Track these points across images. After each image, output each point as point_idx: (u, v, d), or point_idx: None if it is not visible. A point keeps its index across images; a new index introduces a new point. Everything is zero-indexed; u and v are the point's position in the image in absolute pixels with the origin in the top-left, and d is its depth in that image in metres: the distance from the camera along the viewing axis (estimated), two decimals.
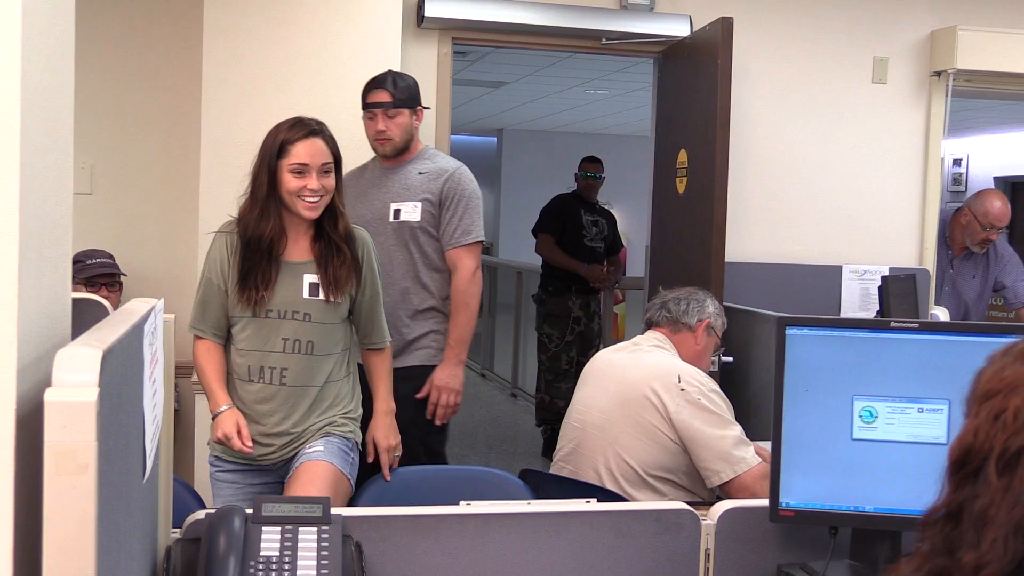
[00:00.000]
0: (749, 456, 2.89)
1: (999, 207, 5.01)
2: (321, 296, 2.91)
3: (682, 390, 2.97)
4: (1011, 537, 1.02)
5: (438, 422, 3.54)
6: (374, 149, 3.65)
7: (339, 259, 2.92)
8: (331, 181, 2.89)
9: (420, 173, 3.61)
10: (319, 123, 2.92)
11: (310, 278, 2.92)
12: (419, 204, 3.57)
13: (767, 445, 2.17)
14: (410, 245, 3.58)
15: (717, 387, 3.07)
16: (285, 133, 2.87)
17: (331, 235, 2.92)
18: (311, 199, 2.84)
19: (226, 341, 2.97)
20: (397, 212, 3.59)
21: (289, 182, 2.84)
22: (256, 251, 2.87)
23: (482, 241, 3.64)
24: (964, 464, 1.09)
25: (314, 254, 2.92)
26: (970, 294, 5.21)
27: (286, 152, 2.84)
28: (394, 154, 3.61)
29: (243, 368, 2.93)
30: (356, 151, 3.57)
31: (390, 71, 3.67)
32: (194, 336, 2.96)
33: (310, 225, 2.93)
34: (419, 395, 3.51)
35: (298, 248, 2.94)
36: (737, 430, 2.95)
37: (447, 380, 3.52)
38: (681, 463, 2.98)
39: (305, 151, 2.84)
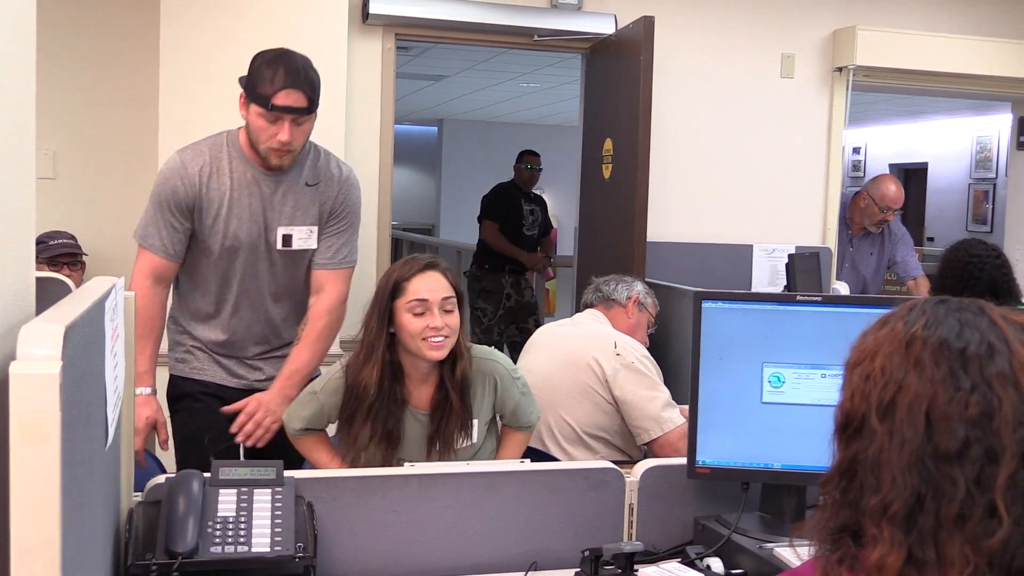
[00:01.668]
0: (675, 416, 2.96)
1: (894, 191, 5.11)
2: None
3: (618, 355, 3.04)
4: (906, 473, 1.05)
5: (249, 442, 2.68)
6: (263, 156, 2.70)
7: (449, 415, 2.44)
8: (455, 319, 2.42)
9: (308, 184, 2.79)
10: (433, 256, 2.51)
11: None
12: (314, 229, 2.81)
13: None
14: (300, 273, 2.86)
15: (649, 354, 3.14)
16: (399, 271, 2.44)
17: (449, 385, 2.44)
18: (436, 339, 2.38)
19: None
20: (287, 239, 2.78)
21: (410, 324, 2.38)
22: (359, 398, 2.42)
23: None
24: (847, 425, 1.13)
25: (431, 407, 2.47)
26: (868, 270, 5.31)
27: (401, 291, 2.41)
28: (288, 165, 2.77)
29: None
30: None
31: (296, 56, 2.69)
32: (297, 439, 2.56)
33: (432, 369, 2.46)
34: (228, 408, 2.72)
35: (424, 395, 2.48)
36: (666, 393, 3.03)
37: (273, 404, 2.69)
38: (614, 422, 3.04)
39: (423, 286, 2.40)
